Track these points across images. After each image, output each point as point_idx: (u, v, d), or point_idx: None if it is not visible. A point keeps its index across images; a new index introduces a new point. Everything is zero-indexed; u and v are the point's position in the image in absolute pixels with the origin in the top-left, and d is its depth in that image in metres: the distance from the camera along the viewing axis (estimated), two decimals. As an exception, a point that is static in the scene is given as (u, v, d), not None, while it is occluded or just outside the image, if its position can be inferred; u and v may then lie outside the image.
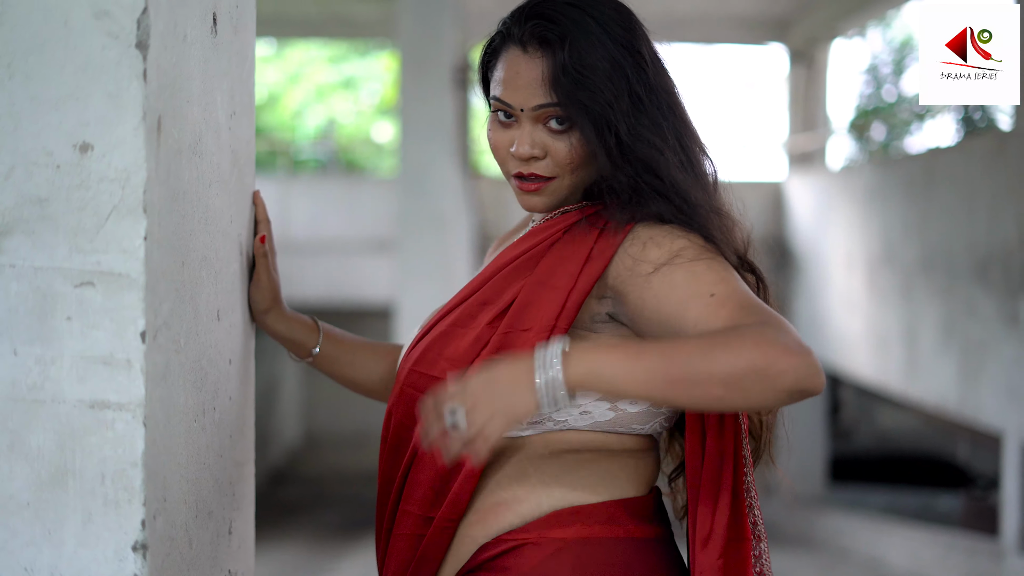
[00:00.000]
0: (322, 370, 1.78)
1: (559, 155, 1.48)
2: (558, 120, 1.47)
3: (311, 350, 1.72)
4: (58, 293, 1.17)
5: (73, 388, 1.17)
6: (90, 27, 1.15)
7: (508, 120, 1.50)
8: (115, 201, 1.16)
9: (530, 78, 1.47)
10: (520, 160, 1.49)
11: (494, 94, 1.51)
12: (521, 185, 1.50)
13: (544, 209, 1.53)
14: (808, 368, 1.24)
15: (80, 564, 1.17)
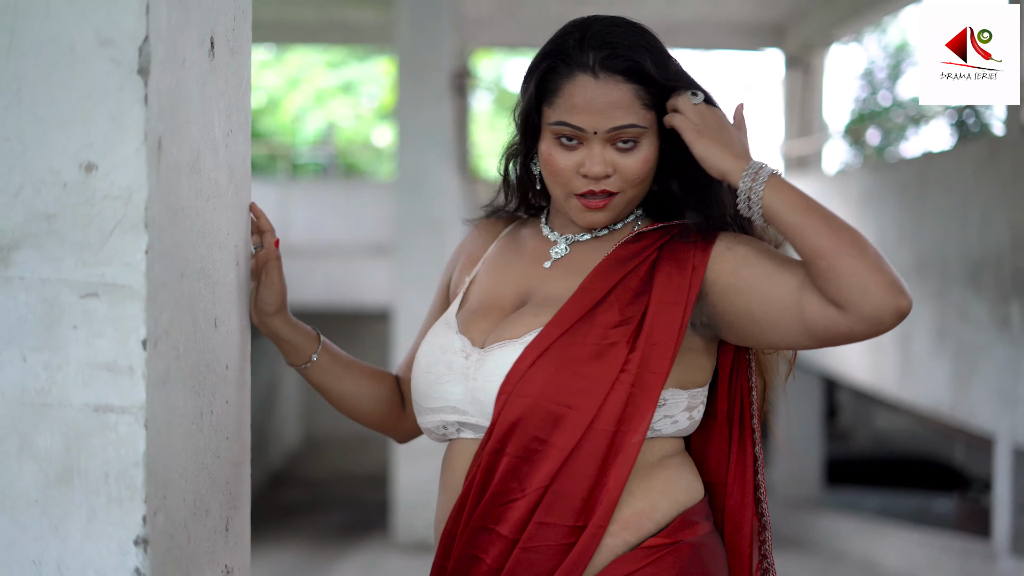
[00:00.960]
0: (313, 381, 1.80)
1: (628, 171, 1.60)
2: (625, 140, 1.59)
3: (309, 356, 1.76)
4: (64, 303, 1.25)
5: (79, 393, 1.25)
6: (95, 54, 1.23)
7: (571, 143, 1.60)
8: (118, 217, 1.24)
9: (606, 103, 1.57)
10: (590, 179, 1.59)
11: (561, 119, 1.59)
12: (587, 203, 1.61)
13: (605, 224, 1.65)
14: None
15: (85, 557, 1.25)
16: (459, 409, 1.61)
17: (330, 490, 15.78)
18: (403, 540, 8.17)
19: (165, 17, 1.29)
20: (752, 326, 1.55)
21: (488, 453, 1.56)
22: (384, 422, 1.85)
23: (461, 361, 1.62)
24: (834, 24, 11.89)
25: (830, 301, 1.47)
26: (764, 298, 1.53)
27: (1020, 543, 7.16)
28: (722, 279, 1.56)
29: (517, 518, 1.54)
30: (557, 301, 1.62)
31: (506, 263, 1.72)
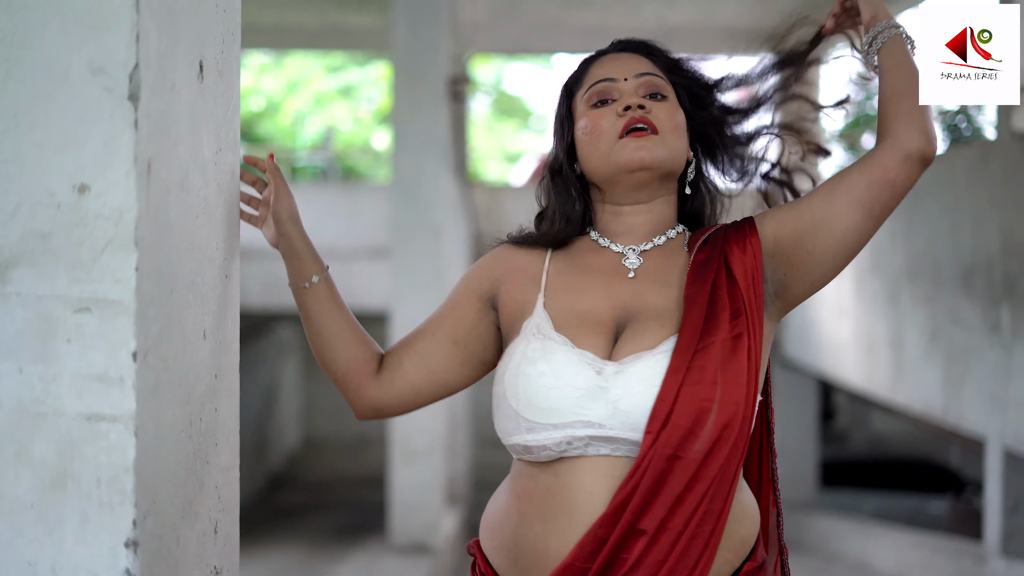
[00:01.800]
0: (306, 306, 1.82)
1: (662, 114, 1.75)
2: (653, 95, 1.77)
3: (311, 276, 1.81)
4: (59, 318, 1.31)
5: (72, 402, 1.31)
6: (87, 81, 1.30)
7: (606, 104, 1.76)
8: (109, 236, 1.31)
9: (629, 60, 1.80)
10: (632, 111, 1.73)
11: (592, 83, 1.78)
12: (635, 135, 1.72)
13: (652, 163, 1.73)
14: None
15: (78, 559, 1.32)
16: (595, 423, 1.62)
17: (329, 492, 15.79)
18: (399, 542, 8.23)
19: (155, 44, 1.36)
20: (819, 233, 1.70)
21: (661, 459, 1.58)
22: (350, 378, 1.83)
23: (593, 376, 1.64)
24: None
25: (891, 141, 1.73)
26: (823, 191, 1.73)
27: (1010, 544, 7.21)
28: (773, 223, 1.74)
29: (698, 522, 1.60)
30: (668, 310, 1.69)
31: (582, 280, 1.75)
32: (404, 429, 8.24)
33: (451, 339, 1.81)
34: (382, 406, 1.84)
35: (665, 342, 1.65)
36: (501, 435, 1.71)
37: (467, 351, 1.81)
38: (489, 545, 1.74)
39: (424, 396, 1.84)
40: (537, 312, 1.72)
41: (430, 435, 8.21)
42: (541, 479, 1.67)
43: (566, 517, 1.64)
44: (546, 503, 1.66)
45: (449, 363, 1.82)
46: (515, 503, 1.70)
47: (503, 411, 1.68)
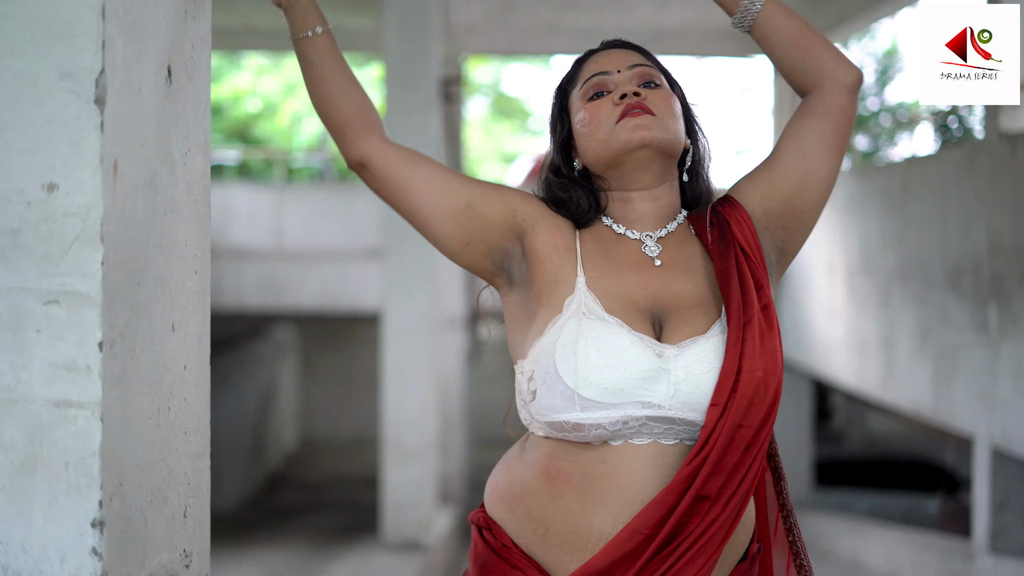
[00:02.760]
0: (307, 55, 1.82)
1: (659, 97, 1.81)
2: (647, 84, 1.83)
3: (315, 27, 1.80)
4: (29, 310, 1.39)
5: (41, 390, 1.39)
6: (56, 87, 1.38)
7: (601, 96, 1.83)
8: (77, 232, 1.38)
9: (622, 54, 1.87)
10: (628, 98, 1.79)
11: (587, 77, 1.85)
12: (632, 115, 1.78)
13: (652, 139, 1.78)
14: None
15: (47, 538, 1.39)
16: (655, 404, 1.68)
17: (326, 492, 15.83)
18: (391, 540, 8.31)
19: (121, 52, 1.43)
20: (808, 189, 1.83)
21: (734, 429, 1.66)
22: (349, 128, 1.83)
23: (654, 357, 1.69)
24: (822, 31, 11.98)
25: (831, 81, 1.83)
26: (792, 152, 1.84)
27: (998, 542, 7.25)
28: (756, 196, 1.84)
29: (748, 481, 1.69)
30: (704, 296, 1.77)
31: (615, 267, 1.79)
32: (396, 428, 8.32)
33: (468, 203, 1.81)
34: (372, 166, 1.82)
35: (714, 326, 1.73)
36: (545, 412, 1.71)
37: (469, 219, 1.80)
38: (506, 516, 1.76)
39: (404, 192, 1.82)
40: (580, 291, 1.75)
41: (422, 435, 8.29)
42: (582, 463, 1.71)
43: (615, 502, 1.68)
44: (591, 486, 1.70)
45: (448, 208, 1.80)
46: (546, 482, 1.72)
47: (554, 389, 1.69)
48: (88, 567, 1.39)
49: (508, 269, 1.81)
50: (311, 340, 19.16)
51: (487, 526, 1.78)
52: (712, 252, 1.79)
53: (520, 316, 1.79)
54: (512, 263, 1.81)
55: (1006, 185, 7.00)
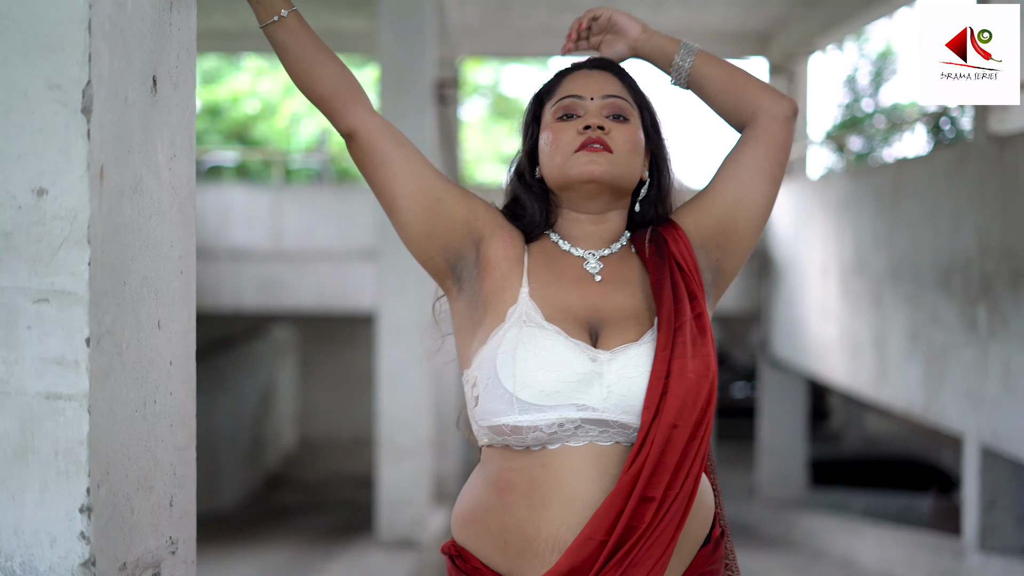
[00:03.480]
0: (278, 40, 1.86)
1: (620, 136, 1.88)
2: (616, 116, 1.89)
3: (280, 11, 1.83)
4: (20, 307, 1.47)
5: (32, 383, 1.47)
6: (45, 97, 1.46)
7: (571, 118, 1.89)
8: (65, 234, 1.46)
9: (600, 80, 1.93)
10: (591, 130, 1.86)
11: (561, 96, 1.92)
12: (589, 148, 1.86)
13: (603, 176, 1.86)
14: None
15: (38, 522, 1.47)
16: (589, 407, 1.75)
17: (323, 492, 15.91)
18: (386, 538, 8.39)
19: (107, 63, 1.52)
20: (741, 212, 1.93)
21: (669, 430, 1.73)
22: (336, 101, 1.88)
23: (588, 362, 1.77)
24: (816, 33, 12.04)
25: (765, 115, 1.96)
26: (726, 177, 1.95)
27: (987, 540, 7.31)
28: (692, 219, 1.95)
29: (691, 482, 1.76)
30: (639, 309, 1.85)
31: (556, 280, 1.87)
32: (390, 428, 8.40)
33: (439, 196, 1.88)
34: (358, 136, 1.88)
35: (647, 334, 1.82)
36: (486, 416, 1.79)
37: (437, 211, 1.87)
38: (471, 539, 1.82)
39: (385, 167, 1.88)
40: (523, 301, 1.83)
41: (416, 434, 8.37)
42: (525, 470, 1.78)
43: (558, 504, 1.75)
44: (535, 491, 1.76)
45: (421, 193, 1.87)
46: (497, 495, 1.79)
47: (494, 393, 1.77)
48: (77, 551, 1.47)
49: (459, 272, 1.89)
50: (309, 340, 19.23)
51: (457, 554, 1.86)
52: (648, 265, 1.88)
53: (466, 323, 1.87)
54: (464, 266, 1.89)
55: (995, 186, 7.06)
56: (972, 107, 7.56)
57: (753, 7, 12.14)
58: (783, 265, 12.05)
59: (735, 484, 15.35)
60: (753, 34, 13.11)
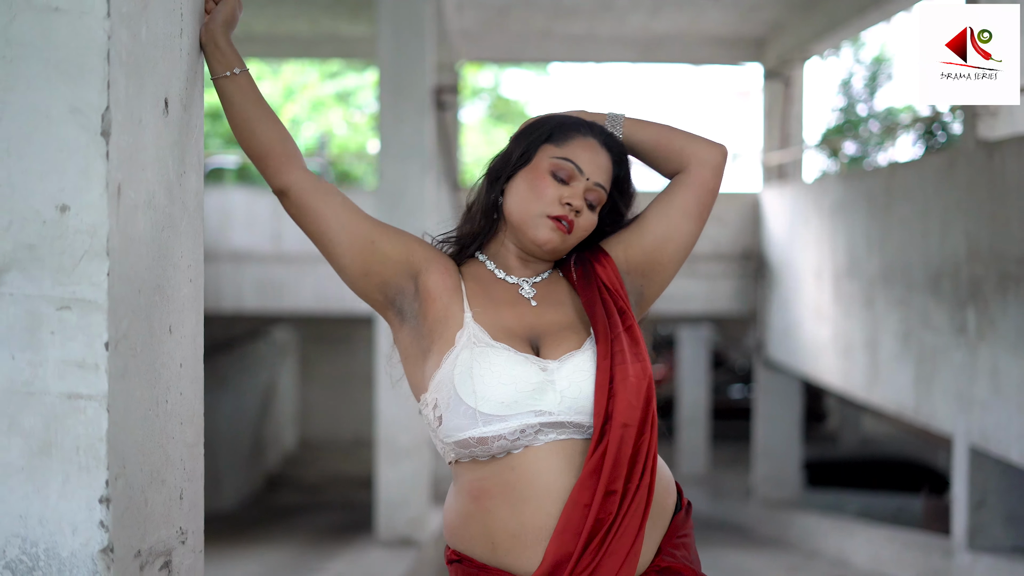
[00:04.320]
0: (228, 94, 2.00)
1: (585, 222, 2.06)
2: (592, 204, 2.06)
3: (233, 69, 1.99)
4: (44, 314, 1.60)
5: (55, 384, 1.60)
6: (67, 120, 1.59)
7: (561, 180, 2.05)
8: (86, 247, 1.59)
9: (601, 164, 2.07)
10: (567, 208, 2.03)
11: (568, 157, 2.06)
12: (558, 225, 2.03)
13: (554, 248, 2.05)
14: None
15: (61, 513, 1.60)
16: (546, 412, 1.93)
17: (323, 492, 15.99)
18: (385, 537, 8.50)
19: (123, 89, 1.65)
20: (666, 247, 2.12)
21: (622, 429, 1.91)
22: (271, 160, 2.02)
23: (539, 372, 1.95)
24: (811, 39, 12.11)
25: (696, 163, 2.14)
26: (658, 215, 2.13)
27: (976, 539, 7.38)
28: (621, 248, 2.13)
29: (648, 473, 1.94)
30: (573, 322, 2.04)
31: (495, 304, 2.04)
32: (389, 428, 8.52)
33: (371, 239, 2.03)
34: (291, 194, 2.03)
35: (586, 342, 2.01)
36: (451, 432, 1.94)
37: (371, 252, 2.03)
38: (463, 545, 2.00)
39: (318, 221, 2.03)
40: (469, 324, 2.00)
41: (415, 434, 8.48)
42: (496, 476, 1.94)
43: (535, 499, 1.92)
44: (510, 492, 1.93)
45: (353, 239, 2.02)
46: (475, 503, 1.96)
47: (456, 410, 1.93)
48: (97, 538, 1.60)
49: (400, 305, 2.05)
50: (309, 341, 19.34)
51: (458, 559, 2.03)
52: (577, 286, 2.07)
53: (414, 351, 2.03)
54: (404, 299, 2.05)
55: (983, 191, 7.13)
56: (962, 112, 7.64)
57: (749, 13, 12.25)
58: (778, 268, 12.14)
59: (732, 485, 15.46)
60: (749, 39, 13.23)
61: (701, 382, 17.02)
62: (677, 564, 2.01)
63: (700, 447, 16.88)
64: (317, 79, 21.61)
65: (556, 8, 11.99)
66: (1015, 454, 6.72)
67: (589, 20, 12.48)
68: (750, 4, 11.87)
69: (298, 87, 21.49)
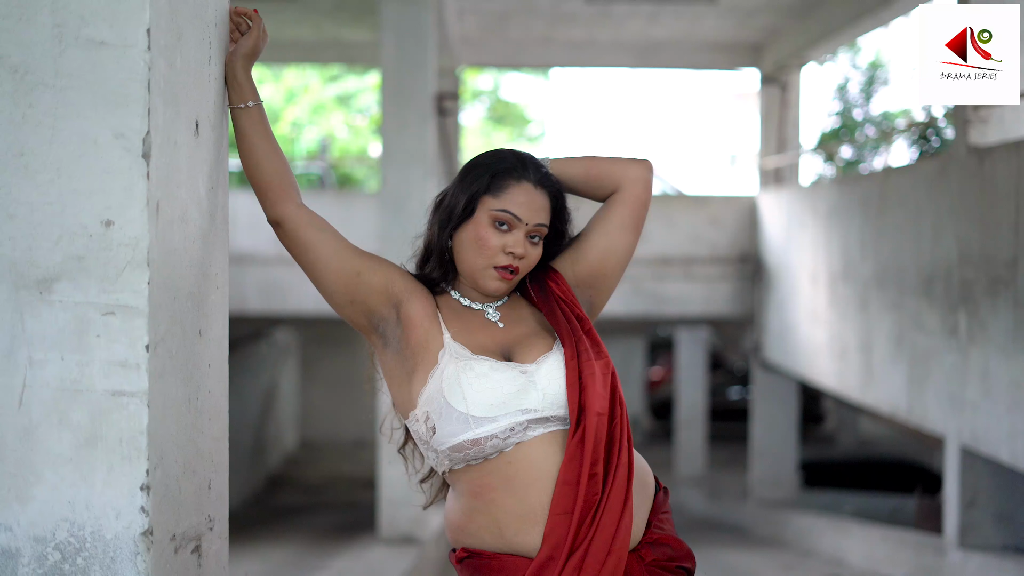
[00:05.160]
0: (241, 125, 2.19)
1: (531, 259, 2.25)
2: (535, 238, 2.23)
3: (248, 102, 2.19)
4: (91, 319, 1.77)
5: (101, 382, 1.77)
6: (112, 144, 1.76)
7: (503, 228, 2.22)
8: (128, 259, 1.76)
9: (538, 205, 2.23)
10: (511, 256, 2.21)
11: (506, 208, 2.23)
12: (503, 274, 2.23)
13: (504, 292, 2.26)
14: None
15: (106, 498, 1.77)
16: (531, 409, 2.13)
17: (324, 493, 16.06)
18: (387, 534, 8.63)
19: (162, 114, 1.82)
20: (609, 259, 2.33)
21: (597, 417, 2.11)
22: (270, 191, 2.20)
23: (520, 375, 2.16)
24: (808, 44, 12.19)
25: (627, 182, 2.33)
26: (599, 232, 2.34)
27: (967, 537, 7.43)
28: (568, 264, 2.34)
29: (625, 454, 2.14)
30: (538, 332, 2.25)
31: (467, 327, 2.24)
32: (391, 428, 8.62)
33: (357, 271, 2.22)
34: (285, 226, 2.21)
35: (554, 346, 2.23)
36: (446, 439, 2.13)
37: (356, 283, 2.22)
38: (470, 539, 2.18)
39: (308, 252, 2.21)
40: (449, 343, 2.20)
41: (417, 433, 8.59)
42: (495, 472, 2.13)
43: (537, 482, 2.12)
44: (512, 482, 2.12)
45: (341, 270, 2.21)
46: (478, 499, 2.15)
47: (449, 418, 2.12)
48: (138, 522, 1.77)
49: (383, 331, 2.24)
50: (310, 343, 19.43)
51: (467, 555, 2.21)
52: (537, 301, 2.28)
53: (399, 372, 2.23)
54: (387, 326, 2.24)
55: (974, 196, 7.19)
56: (954, 118, 7.75)
57: (746, 19, 12.36)
58: (775, 271, 12.23)
59: (730, 485, 15.59)
60: (746, 45, 13.34)
61: (699, 384, 17.12)
62: (665, 536, 2.23)
63: (698, 448, 16.99)
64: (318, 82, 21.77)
65: (556, 14, 12.13)
66: (1005, 454, 6.79)
67: (588, 26, 12.61)
68: (747, 11, 11.99)
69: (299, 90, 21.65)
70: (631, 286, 12.56)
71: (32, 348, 1.76)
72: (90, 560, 1.76)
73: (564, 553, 2.07)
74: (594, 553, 2.07)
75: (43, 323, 1.77)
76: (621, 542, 2.09)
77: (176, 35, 1.88)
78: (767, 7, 11.83)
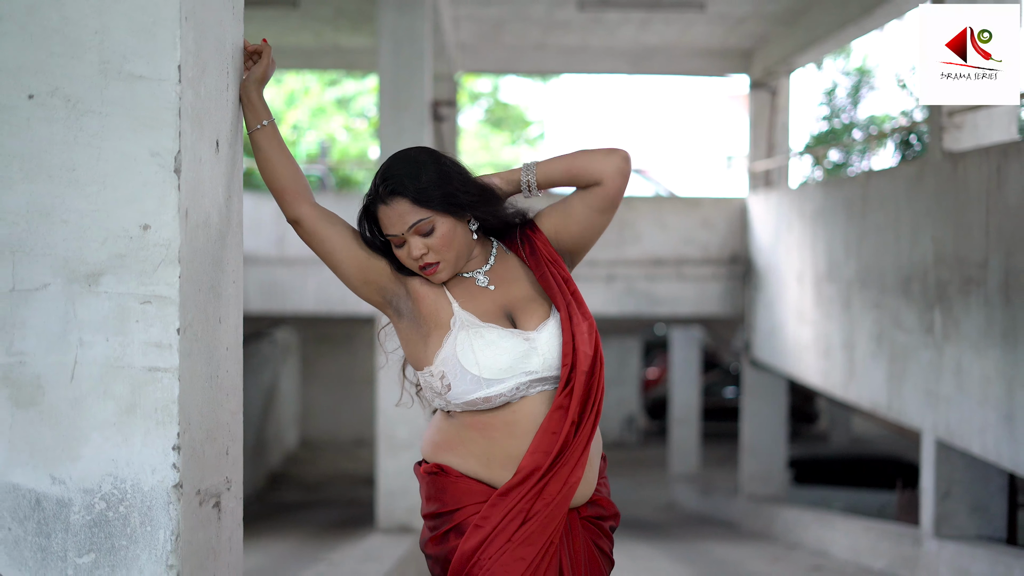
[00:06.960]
0: (259, 143, 2.49)
1: (435, 245, 2.49)
2: (422, 231, 2.45)
3: (263, 121, 2.50)
4: (131, 307, 2.12)
5: (140, 359, 2.12)
6: (148, 161, 2.11)
7: (400, 245, 2.51)
8: (162, 257, 2.11)
9: (396, 216, 2.44)
10: (419, 259, 2.50)
11: (385, 233, 2.47)
12: (426, 272, 2.52)
13: (447, 279, 2.51)
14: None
15: (144, 457, 2.12)
16: (533, 371, 2.45)
17: (324, 490, 16.21)
18: (384, 524, 8.92)
19: (189, 136, 2.16)
20: (587, 233, 2.60)
21: (583, 375, 2.43)
22: (287, 194, 2.50)
23: (523, 342, 2.45)
24: (797, 50, 12.31)
25: (606, 176, 2.55)
26: (581, 207, 2.59)
27: (942, 527, 7.65)
28: (551, 226, 2.61)
29: (598, 404, 2.47)
30: (533, 295, 2.53)
31: (469, 295, 2.52)
32: (389, 422, 8.94)
33: (368, 255, 2.51)
34: (303, 224, 2.52)
35: (552, 312, 2.54)
36: (460, 396, 2.45)
37: (369, 266, 2.52)
38: (451, 458, 2.51)
39: (325, 243, 2.51)
40: (458, 311, 2.51)
41: (413, 427, 8.92)
42: (499, 417, 2.46)
43: (530, 433, 2.45)
44: (512, 428, 2.46)
45: (355, 256, 2.51)
46: (479, 432, 2.47)
47: (463, 379, 2.43)
48: (170, 477, 2.12)
49: (396, 305, 2.56)
50: (311, 342, 19.63)
51: (439, 470, 2.55)
52: (530, 264, 2.59)
53: (415, 336, 2.54)
54: (400, 300, 2.56)
55: (949, 200, 7.40)
56: (930, 124, 7.97)
57: (736, 26, 12.56)
58: (764, 271, 12.38)
59: (721, 482, 15.82)
60: (736, 52, 13.55)
61: (693, 383, 17.31)
62: (602, 499, 2.60)
63: (691, 446, 17.20)
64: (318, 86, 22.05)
65: (550, 22, 12.37)
66: (976, 447, 6.99)
67: (582, 33, 12.86)
68: (736, 18, 12.21)
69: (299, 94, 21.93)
70: (624, 286, 12.81)
71: (82, 331, 2.11)
72: (130, 508, 2.10)
73: (533, 482, 2.42)
74: (555, 483, 2.43)
75: (91, 310, 2.11)
76: (575, 478, 2.45)
77: (201, 68, 2.22)
78: (756, 14, 12.05)
